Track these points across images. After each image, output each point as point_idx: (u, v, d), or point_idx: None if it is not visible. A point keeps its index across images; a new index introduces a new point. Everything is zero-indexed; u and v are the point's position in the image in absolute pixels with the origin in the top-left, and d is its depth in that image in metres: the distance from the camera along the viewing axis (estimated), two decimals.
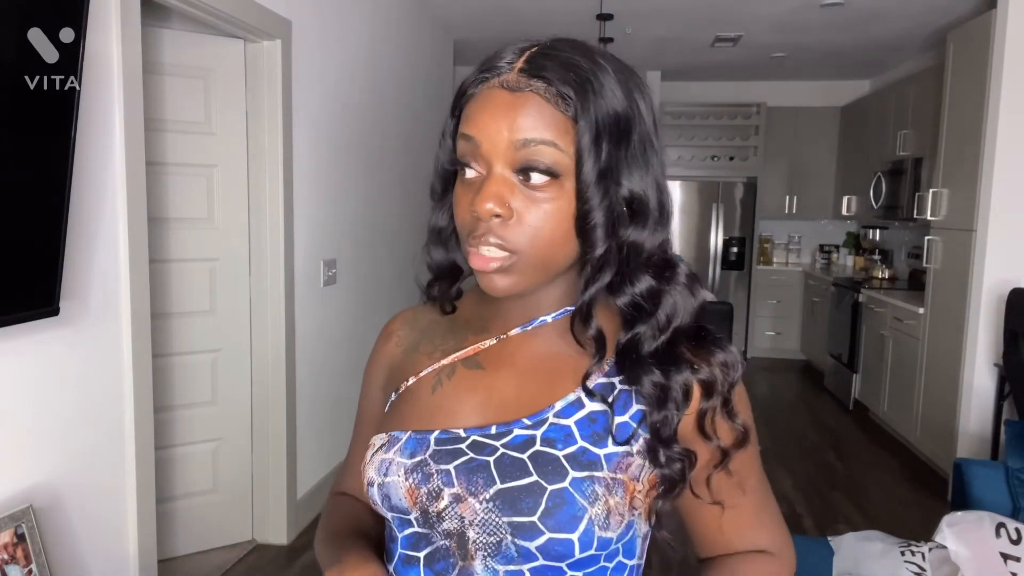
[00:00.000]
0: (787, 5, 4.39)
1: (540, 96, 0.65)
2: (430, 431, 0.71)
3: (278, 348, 2.98)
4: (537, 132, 0.64)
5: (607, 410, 0.69)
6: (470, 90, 0.68)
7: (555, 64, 0.66)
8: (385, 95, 4.06)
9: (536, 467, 0.66)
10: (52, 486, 1.90)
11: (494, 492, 0.65)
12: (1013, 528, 1.70)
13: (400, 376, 0.79)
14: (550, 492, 0.64)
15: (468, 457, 0.68)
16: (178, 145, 2.74)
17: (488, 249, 0.65)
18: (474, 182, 0.67)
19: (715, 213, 6.84)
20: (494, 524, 0.65)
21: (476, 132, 0.66)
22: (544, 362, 0.72)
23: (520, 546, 0.65)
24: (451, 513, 0.67)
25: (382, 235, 4.11)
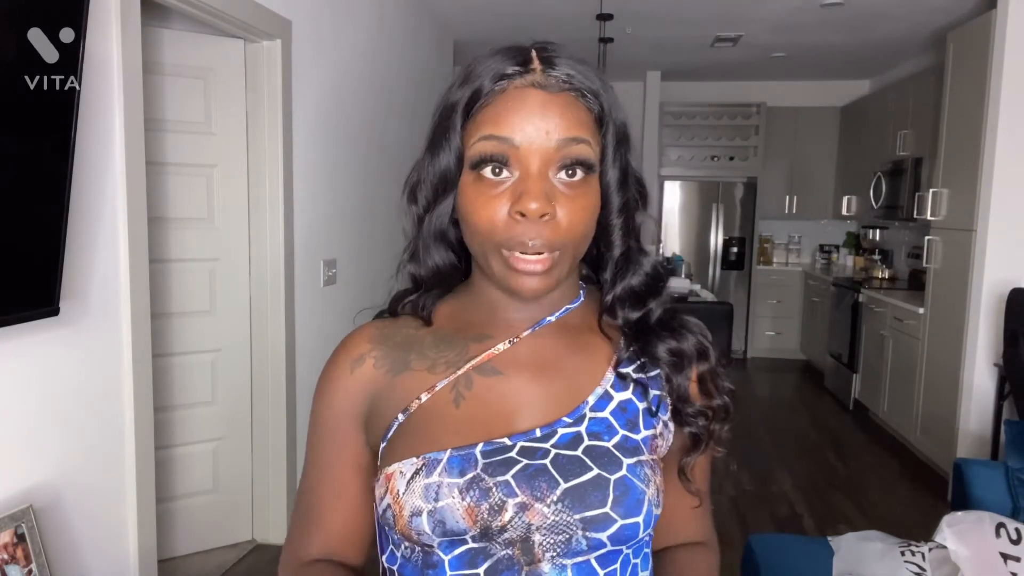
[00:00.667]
0: (787, 5, 4.39)
1: (574, 95, 0.67)
2: (472, 445, 0.67)
3: (278, 348, 2.98)
4: (578, 130, 0.66)
5: (631, 398, 0.73)
6: (486, 90, 0.67)
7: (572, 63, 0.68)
8: (385, 95, 4.06)
9: (593, 460, 0.67)
10: (52, 486, 1.90)
11: (561, 492, 0.66)
12: (1013, 528, 1.70)
13: (398, 398, 0.73)
14: (614, 482, 0.66)
15: (523, 464, 0.66)
16: (178, 145, 2.74)
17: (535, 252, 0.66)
18: (500, 185, 0.66)
19: (715, 213, 6.84)
20: (564, 523, 0.65)
21: (511, 132, 0.65)
22: (557, 360, 0.73)
23: (591, 538, 0.66)
24: (517, 523, 0.65)
25: (382, 235, 4.11)
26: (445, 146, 0.69)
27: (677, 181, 6.94)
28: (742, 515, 3.48)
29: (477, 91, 0.68)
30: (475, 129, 0.67)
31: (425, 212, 0.73)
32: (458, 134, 0.69)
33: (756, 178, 6.84)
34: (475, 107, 0.68)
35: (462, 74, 0.71)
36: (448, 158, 0.69)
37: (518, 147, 0.66)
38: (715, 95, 6.97)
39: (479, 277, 0.75)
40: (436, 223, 0.73)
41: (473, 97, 0.68)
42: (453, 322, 0.76)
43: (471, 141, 0.67)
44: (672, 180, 6.95)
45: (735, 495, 3.72)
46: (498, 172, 0.67)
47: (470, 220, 0.68)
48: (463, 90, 0.69)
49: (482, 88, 0.68)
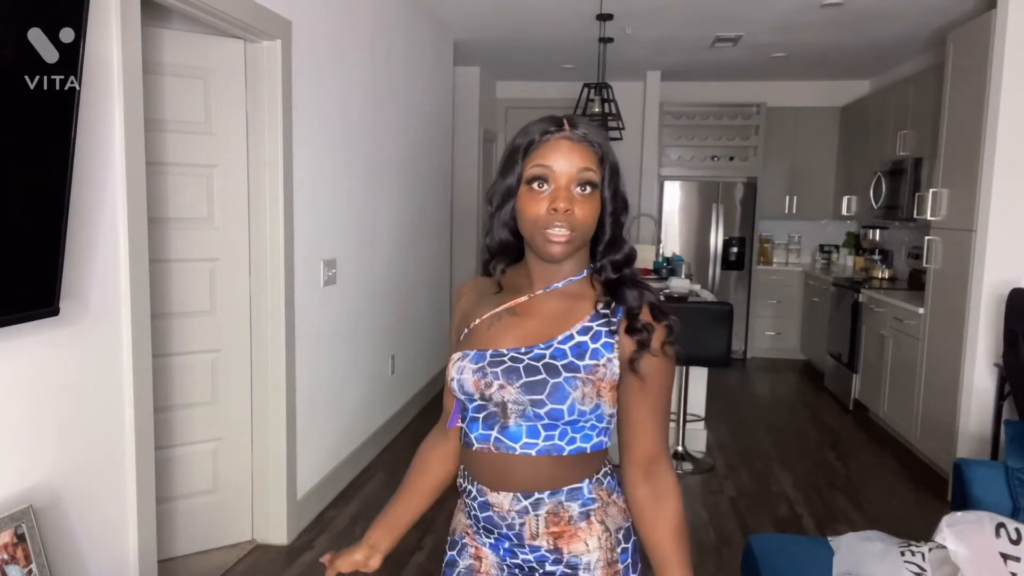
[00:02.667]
0: (787, 5, 4.40)
1: (587, 145, 1.15)
2: (486, 351, 1.18)
3: (278, 348, 2.98)
4: (589, 163, 1.14)
5: (587, 341, 1.17)
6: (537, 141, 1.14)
7: (587, 126, 1.17)
8: (385, 95, 4.06)
9: (545, 371, 1.14)
10: (52, 486, 1.90)
11: (521, 383, 1.14)
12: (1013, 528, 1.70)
13: (469, 319, 1.25)
14: (551, 384, 1.13)
15: (508, 365, 1.16)
16: (178, 145, 2.74)
17: (561, 231, 1.12)
18: (543, 193, 1.13)
19: (715, 213, 6.84)
20: (521, 400, 1.14)
21: (553, 163, 1.13)
22: (554, 311, 1.20)
23: (535, 412, 1.14)
24: (497, 394, 1.15)
25: (382, 235, 4.11)
26: (511, 171, 1.16)
27: (677, 181, 6.94)
28: (742, 515, 3.48)
29: (532, 141, 1.15)
30: (530, 161, 1.14)
31: (496, 210, 1.19)
32: (520, 164, 1.15)
33: (756, 178, 6.84)
34: (530, 149, 1.15)
35: (521, 132, 1.18)
36: (512, 179, 1.16)
37: (555, 171, 1.13)
38: (715, 95, 6.97)
39: (527, 253, 1.22)
40: (503, 216, 1.19)
41: (530, 144, 1.15)
42: (509, 281, 1.25)
43: (528, 168, 1.14)
44: (672, 180, 6.95)
45: (735, 495, 3.72)
46: (541, 186, 1.13)
47: (526, 214, 1.14)
48: (523, 139, 1.16)
49: (535, 139, 1.15)
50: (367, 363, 3.98)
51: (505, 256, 1.25)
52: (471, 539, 1.25)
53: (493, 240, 1.23)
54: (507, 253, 1.24)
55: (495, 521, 1.19)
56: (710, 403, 4.57)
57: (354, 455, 3.79)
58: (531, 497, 1.16)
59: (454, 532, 1.30)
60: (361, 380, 3.90)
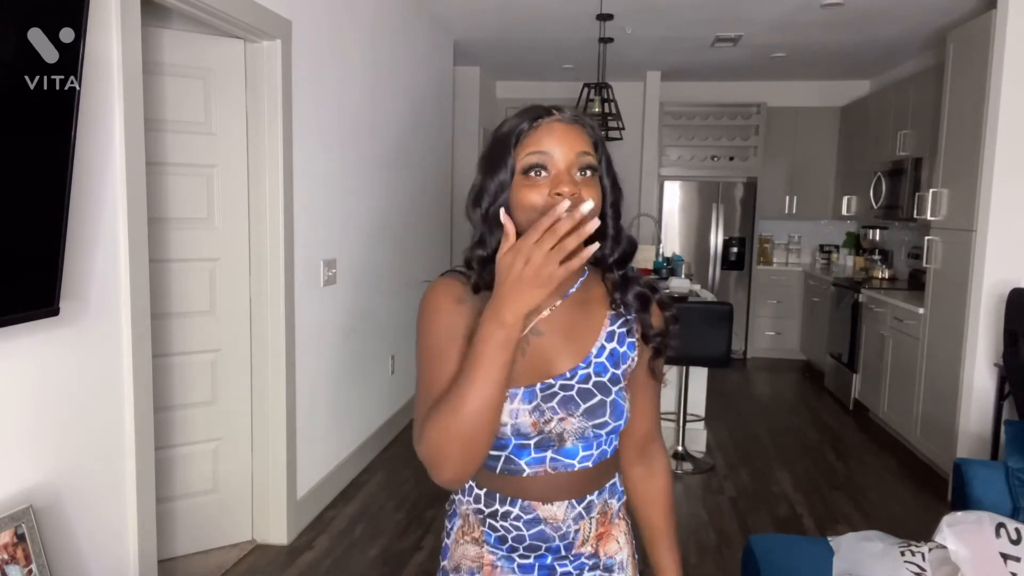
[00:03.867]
0: (787, 5, 4.40)
1: (581, 127, 1.06)
2: (534, 386, 1.07)
3: (278, 348, 2.98)
4: (587, 147, 1.04)
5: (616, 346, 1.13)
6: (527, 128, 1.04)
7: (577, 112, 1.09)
8: (385, 95, 4.06)
9: (598, 390, 1.09)
10: (52, 486, 1.90)
11: (582, 411, 1.08)
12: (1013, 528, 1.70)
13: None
14: (609, 403, 1.09)
15: (561, 395, 1.08)
16: (178, 145, 2.74)
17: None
18: (542, 181, 1.02)
19: (715, 213, 6.84)
20: (583, 427, 1.08)
21: (549, 148, 1.02)
22: (576, 321, 1.12)
23: (596, 432, 1.09)
24: (557, 426, 1.07)
25: (382, 235, 4.11)
26: (502, 164, 1.04)
27: (677, 181, 6.94)
28: (742, 515, 3.48)
29: (522, 128, 1.04)
30: (522, 150, 1.03)
31: (487, 209, 1.06)
32: (511, 155, 1.04)
33: (756, 178, 6.84)
34: (521, 137, 1.04)
35: (503, 124, 1.08)
36: (505, 172, 1.04)
37: (553, 156, 1.02)
38: (715, 95, 6.97)
39: None
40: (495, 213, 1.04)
41: (520, 131, 1.04)
42: None
43: (520, 157, 1.03)
44: (672, 180, 6.95)
45: (735, 495, 3.72)
46: (539, 174, 1.02)
47: (524, 203, 1.02)
48: (510, 126, 1.06)
49: (524, 127, 1.05)
50: (367, 363, 3.98)
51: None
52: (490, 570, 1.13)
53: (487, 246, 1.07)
54: None
55: (547, 535, 1.10)
56: (710, 403, 4.57)
57: (354, 455, 3.78)
58: (584, 501, 1.12)
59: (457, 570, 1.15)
60: (361, 380, 3.90)
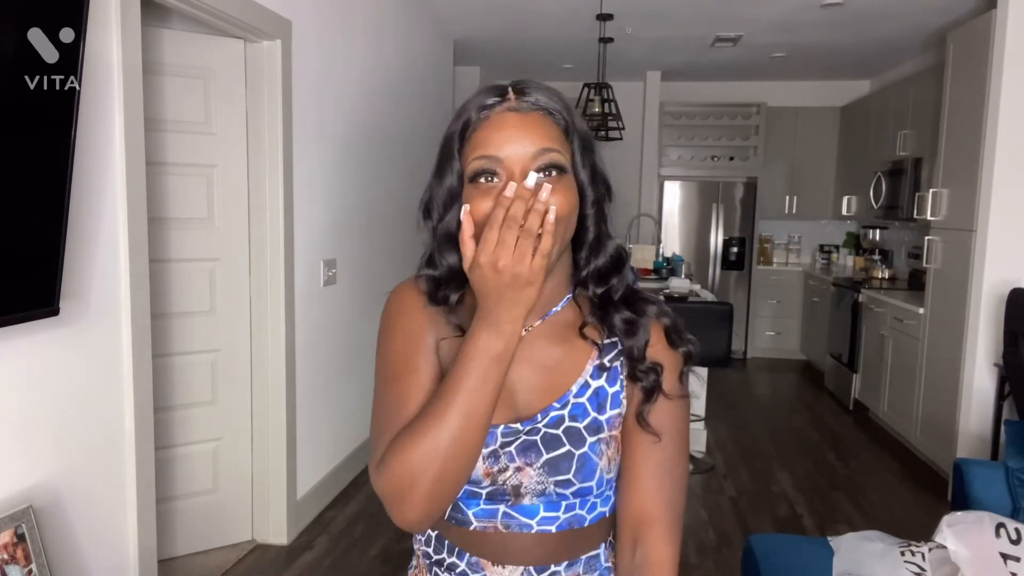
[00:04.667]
0: (787, 5, 4.40)
1: (542, 114, 0.85)
2: (496, 427, 0.89)
3: (278, 348, 2.98)
4: (548, 142, 0.84)
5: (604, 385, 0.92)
6: (474, 121, 0.85)
7: (540, 91, 0.86)
8: (385, 95, 4.06)
9: (567, 439, 0.89)
10: (52, 486, 1.90)
11: (543, 462, 0.89)
12: (1013, 528, 1.70)
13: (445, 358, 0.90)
14: (578, 456, 0.89)
15: (524, 440, 0.89)
16: (178, 145, 2.74)
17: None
18: (492, 187, 0.83)
19: (715, 213, 6.84)
20: (542, 482, 0.89)
21: (497, 150, 0.83)
22: (552, 350, 0.92)
23: (559, 492, 0.90)
24: (513, 478, 0.89)
25: (382, 235, 4.11)
26: (449, 169, 0.87)
27: (677, 181, 6.93)
28: (742, 515, 3.48)
29: (467, 122, 0.86)
30: (470, 151, 0.85)
31: (438, 222, 0.90)
32: (457, 159, 0.87)
33: (756, 178, 6.84)
34: (467, 133, 0.86)
35: (456, 113, 0.88)
36: (452, 178, 0.87)
37: (502, 160, 0.83)
38: (715, 95, 6.97)
39: None
40: (446, 228, 0.90)
41: (464, 127, 0.86)
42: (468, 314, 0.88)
43: (467, 161, 0.85)
44: (672, 180, 6.95)
45: (735, 495, 3.72)
46: (490, 179, 0.83)
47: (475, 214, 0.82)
48: (456, 123, 0.87)
49: (470, 119, 0.86)
50: (367, 363, 3.98)
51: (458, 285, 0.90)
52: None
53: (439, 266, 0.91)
54: (460, 280, 0.89)
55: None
56: (710, 403, 4.57)
57: (354, 455, 3.78)
58: (546, 570, 0.93)
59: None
60: (361, 380, 3.90)
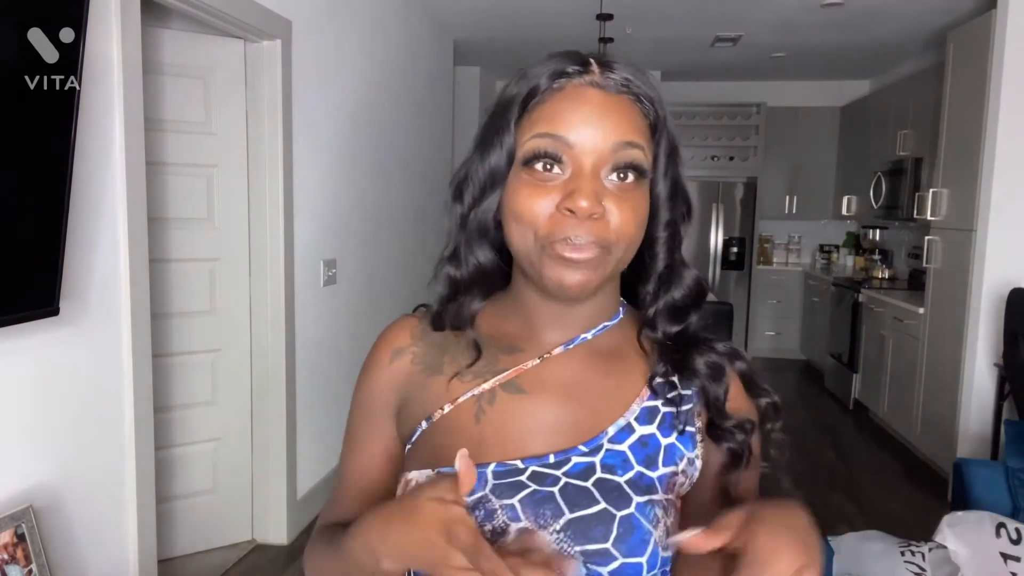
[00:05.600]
0: (787, 5, 4.39)
1: (631, 99, 0.67)
2: (485, 464, 0.67)
3: (278, 348, 2.98)
4: (634, 135, 0.66)
5: (655, 433, 0.70)
6: (543, 88, 0.67)
7: (632, 70, 0.68)
8: (385, 95, 4.06)
9: (602, 494, 0.66)
10: (52, 486, 1.90)
11: (564, 522, 0.65)
12: (1013, 528, 1.70)
13: (426, 401, 0.73)
14: (620, 518, 0.65)
15: (532, 489, 0.66)
16: (178, 145, 2.74)
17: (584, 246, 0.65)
18: (551, 182, 0.66)
19: (715, 213, 6.84)
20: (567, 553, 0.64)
21: (567, 131, 0.65)
22: (583, 383, 0.72)
23: (593, 571, 0.64)
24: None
25: (382, 235, 4.11)
26: (497, 142, 0.68)
27: None
28: None
29: (535, 88, 0.67)
30: (530, 126, 0.67)
31: (470, 209, 0.71)
32: (511, 131, 0.68)
33: (756, 178, 6.84)
34: (531, 103, 0.67)
35: (518, 74, 0.70)
36: (499, 154, 0.68)
37: (572, 146, 0.65)
38: (715, 95, 6.97)
39: (520, 284, 0.73)
40: (480, 218, 0.70)
41: (530, 94, 0.67)
42: (488, 328, 0.74)
43: (525, 138, 0.67)
44: None
45: None
46: (549, 168, 0.66)
47: (517, 212, 0.67)
48: (519, 86, 0.68)
49: (539, 85, 0.67)
50: None
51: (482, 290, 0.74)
52: None
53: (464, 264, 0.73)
54: (486, 284, 0.74)
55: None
56: None
57: None
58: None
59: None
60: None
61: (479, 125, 0.72)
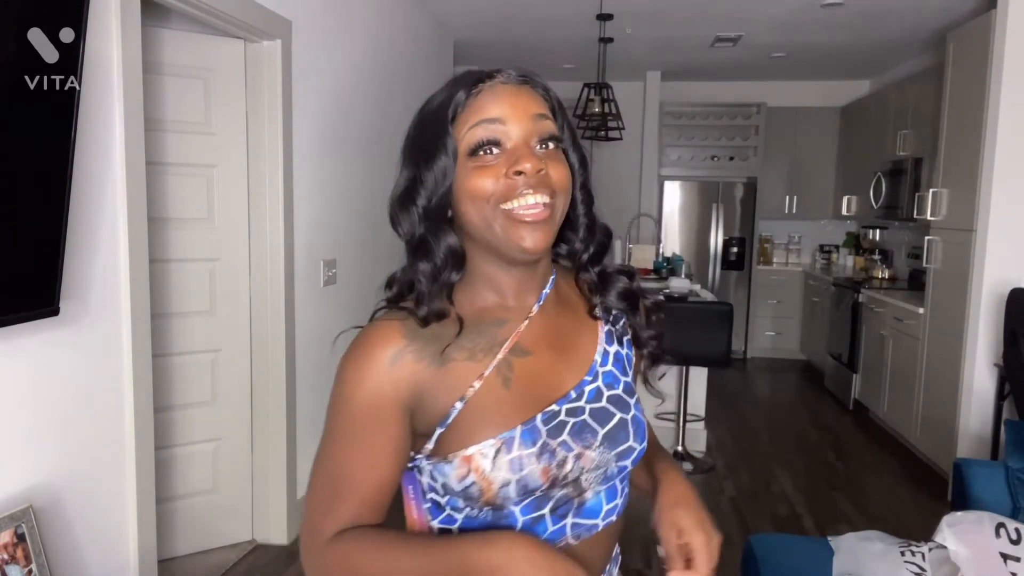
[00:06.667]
0: (787, 5, 4.39)
1: (532, 87, 0.85)
2: (532, 419, 0.81)
3: (278, 348, 2.98)
4: (544, 109, 0.83)
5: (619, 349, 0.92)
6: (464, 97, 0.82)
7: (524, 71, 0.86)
8: (385, 95, 4.06)
9: (614, 406, 0.87)
10: (52, 486, 1.90)
11: (600, 437, 0.84)
12: (1013, 528, 1.70)
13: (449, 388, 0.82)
14: (630, 420, 0.87)
15: (571, 423, 0.83)
16: (178, 145, 2.74)
17: (537, 196, 0.79)
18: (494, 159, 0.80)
19: (715, 213, 6.84)
20: (605, 460, 0.84)
21: (501, 112, 0.80)
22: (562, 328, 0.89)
23: (620, 465, 0.86)
24: (575, 469, 0.82)
25: (382, 235, 4.10)
26: (439, 146, 0.81)
27: (677, 181, 6.93)
28: (742, 515, 3.48)
29: (458, 98, 0.82)
30: (464, 123, 0.81)
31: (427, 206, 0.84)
32: (449, 133, 0.81)
33: (756, 178, 6.84)
34: (458, 110, 0.82)
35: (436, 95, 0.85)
36: (444, 154, 0.81)
37: (506, 123, 0.80)
38: (715, 95, 6.97)
39: (482, 264, 0.86)
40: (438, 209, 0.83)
41: (456, 104, 0.82)
42: (470, 312, 0.85)
43: (462, 133, 0.81)
44: (672, 180, 6.95)
45: (735, 495, 3.72)
46: (490, 151, 0.80)
47: (472, 192, 0.80)
48: (442, 101, 0.83)
49: (460, 95, 0.82)
50: None
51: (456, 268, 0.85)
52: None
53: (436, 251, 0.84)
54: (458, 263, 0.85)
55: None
56: (710, 403, 4.56)
57: None
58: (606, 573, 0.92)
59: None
60: None
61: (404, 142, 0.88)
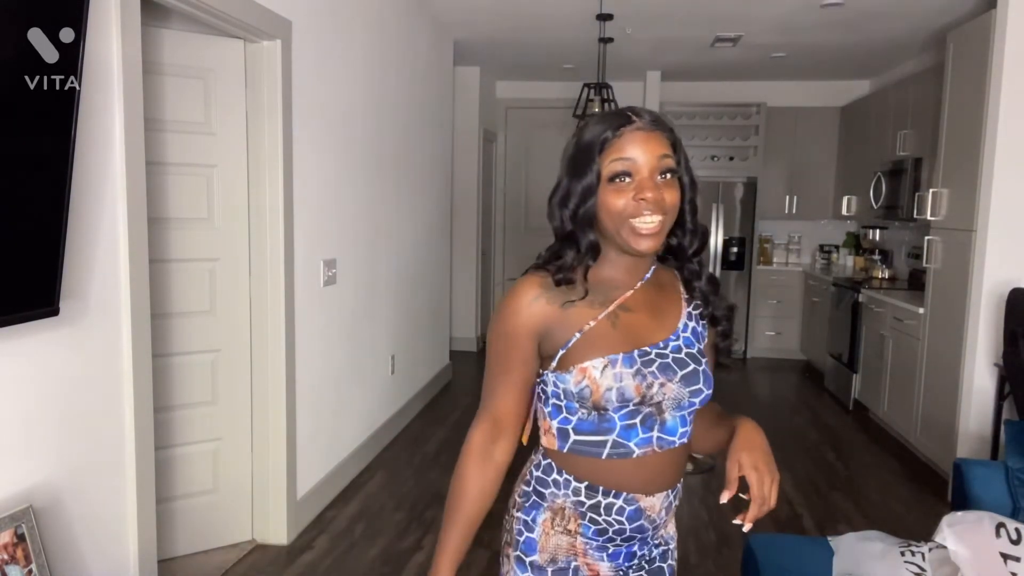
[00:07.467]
0: (787, 5, 4.39)
1: (661, 132, 1.15)
2: (632, 352, 1.15)
3: (278, 348, 2.98)
4: (667, 150, 1.15)
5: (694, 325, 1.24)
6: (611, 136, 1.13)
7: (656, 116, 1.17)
8: (385, 95, 4.06)
9: (691, 360, 1.19)
10: (52, 486, 1.90)
11: (679, 377, 1.16)
12: (1013, 528, 1.70)
13: (571, 323, 1.16)
14: (702, 371, 1.19)
15: (659, 362, 1.16)
16: (178, 145, 2.74)
17: (653, 218, 1.12)
18: (626, 186, 1.13)
19: (715, 213, 6.84)
20: (680, 393, 1.16)
21: (634, 153, 1.12)
22: (656, 300, 1.22)
23: (691, 400, 1.18)
24: (658, 393, 1.15)
25: (382, 235, 4.11)
26: (589, 170, 1.14)
27: None
28: None
29: (605, 137, 1.14)
30: (607, 157, 1.13)
31: (575, 211, 1.16)
32: (596, 161, 1.14)
33: (756, 178, 6.84)
34: (605, 145, 1.14)
35: (585, 128, 1.18)
36: (591, 177, 1.14)
37: (637, 163, 1.13)
38: (715, 95, 6.97)
39: (609, 252, 1.20)
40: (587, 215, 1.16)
41: (604, 140, 1.14)
42: (597, 280, 1.20)
43: (605, 164, 1.13)
44: None
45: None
46: (623, 180, 1.13)
47: (611, 207, 1.13)
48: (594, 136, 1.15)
49: (608, 135, 1.14)
50: (367, 363, 3.98)
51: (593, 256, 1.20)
52: (583, 559, 1.20)
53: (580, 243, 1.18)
54: (595, 252, 1.20)
55: (644, 527, 1.21)
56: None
57: (354, 455, 3.78)
58: (675, 491, 1.25)
59: (554, 561, 1.20)
60: (361, 380, 3.90)
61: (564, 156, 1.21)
